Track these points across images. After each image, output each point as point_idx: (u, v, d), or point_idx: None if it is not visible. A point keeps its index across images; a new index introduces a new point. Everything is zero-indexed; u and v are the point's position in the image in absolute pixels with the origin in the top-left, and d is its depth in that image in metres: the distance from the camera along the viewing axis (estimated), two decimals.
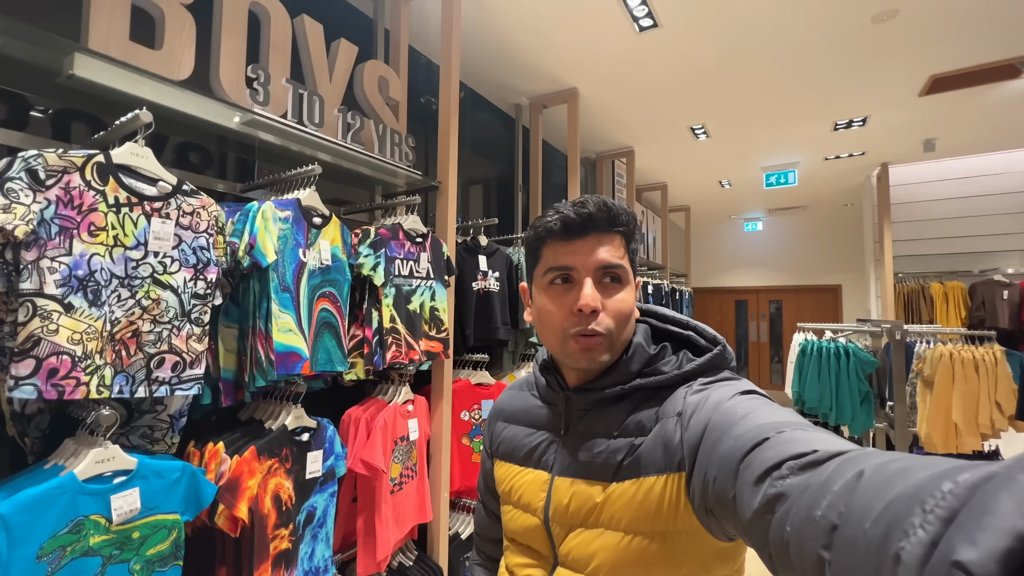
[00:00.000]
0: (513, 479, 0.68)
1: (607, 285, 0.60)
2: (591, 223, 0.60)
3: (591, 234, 0.60)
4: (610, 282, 0.60)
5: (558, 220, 0.61)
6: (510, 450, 0.70)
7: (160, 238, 0.95)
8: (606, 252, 0.60)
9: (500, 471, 0.71)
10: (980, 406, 2.41)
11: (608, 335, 0.59)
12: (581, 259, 0.60)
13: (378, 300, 1.44)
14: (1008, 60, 2.48)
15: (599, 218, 0.60)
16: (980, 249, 3.96)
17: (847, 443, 0.37)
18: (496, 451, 0.73)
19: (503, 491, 0.69)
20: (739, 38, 2.32)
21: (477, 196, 2.83)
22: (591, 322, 0.59)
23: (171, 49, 1.15)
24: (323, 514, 1.26)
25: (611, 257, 0.60)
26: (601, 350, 0.60)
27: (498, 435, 0.73)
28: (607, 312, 0.59)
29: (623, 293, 0.61)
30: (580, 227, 0.60)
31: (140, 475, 0.90)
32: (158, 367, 0.94)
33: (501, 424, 0.74)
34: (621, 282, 0.61)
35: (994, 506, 0.19)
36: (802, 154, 4.02)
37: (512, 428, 0.72)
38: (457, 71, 1.80)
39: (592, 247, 0.60)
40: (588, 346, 0.59)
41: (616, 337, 0.60)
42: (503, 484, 0.70)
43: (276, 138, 1.36)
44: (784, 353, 6.53)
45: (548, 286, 0.62)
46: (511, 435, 0.71)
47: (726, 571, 0.55)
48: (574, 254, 0.60)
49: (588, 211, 0.60)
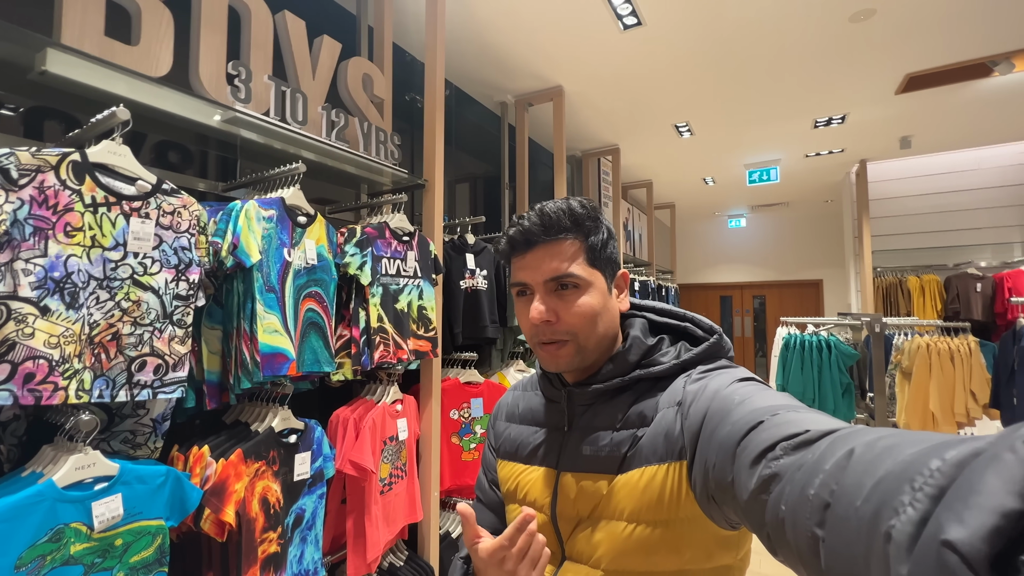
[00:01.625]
0: (519, 477, 0.68)
1: (562, 293, 0.61)
2: (531, 237, 0.61)
3: (536, 247, 0.61)
4: (564, 289, 0.61)
5: (506, 239, 0.64)
6: (514, 448, 0.70)
7: (140, 238, 0.93)
8: (553, 263, 0.60)
9: (505, 470, 0.71)
10: (956, 395, 2.48)
11: (573, 339, 0.61)
12: (530, 274, 0.62)
13: (365, 300, 1.43)
14: (980, 59, 2.55)
15: (535, 231, 0.61)
16: (954, 243, 4.08)
17: (839, 422, 0.38)
18: (499, 450, 0.74)
19: (508, 490, 0.70)
20: (721, 37, 2.35)
21: (464, 194, 2.82)
22: (547, 331, 0.61)
23: (148, 45, 1.12)
24: (312, 516, 1.24)
25: (559, 268, 0.60)
26: (567, 355, 0.61)
27: (501, 434, 0.74)
28: (564, 320, 0.60)
29: (584, 297, 0.61)
30: (523, 243, 0.62)
31: (122, 481, 0.88)
32: (140, 370, 0.92)
33: (503, 423, 0.75)
34: (579, 287, 0.61)
35: (980, 484, 0.19)
36: (783, 151, 4.08)
37: (516, 427, 0.72)
38: (442, 68, 1.79)
39: (538, 260, 0.61)
40: (551, 352, 0.62)
41: (585, 338, 0.61)
42: (508, 483, 0.70)
43: (259, 136, 1.34)
44: (768, 347, 6.64)
45: (516, 297, 0.66)
46: (515, 434, 0.71)
47: (728, 559, 0.56)
48: (524, 269, 0.63)
49: (526, 225, 0.61)
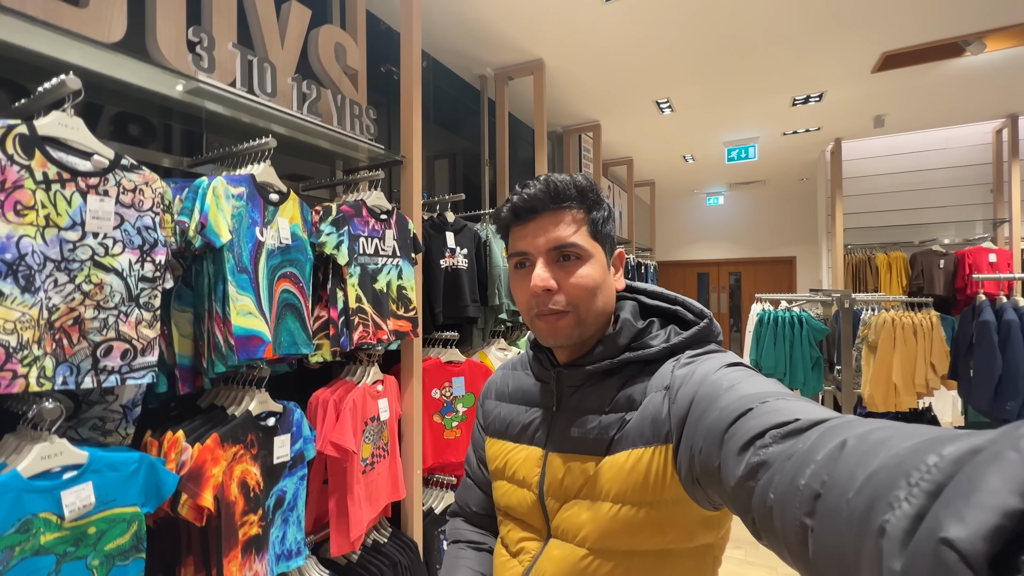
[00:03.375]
0: (507, 455, 0.68)
1: (564, 264, 0.61)
2: (537, 204, 0.61)
3: (540, 215, 0.61)
4: (565, 260, 0.61)
5: (508, 205, 0.63)
6: (503, 427, 0.71)
7: (99, 217, 0.88)
8: (557, 231, 0.60)
9: (493, 448, 0.72)
10: (917, 367, 2.60)
11: (574, 310, 0.60)
12: (531, 242, 0.61)
13: (343, 280, 1.40)
14: (953, 38, 2.59)
15: (542, 198, 0.60)
16: (921, 221, 4.21)
17: (828, 411, 0.38)
18: (488, 428, 0.74)
19: (497, 467, 0.70)
20: (702, 12, 2.31)
21: (443, 171, 2.76)
22: (548, 301, 0.60)
23: (98, 8, 1.04)
24: (293, 497, 1.24)
25: (562, 235, 0.60)
26: (567, 327, 0.60)
27: (490, 413, 0.74)
28: (565, 290, 0.60)
29: (585, 268, 0.60)
30: (528, 211, 0.61)
31: (92, 469, 0.85)
32: (105, 355, 0.89)
33: (492, 402, 0.75)
34: (580, 258, 0.61)
35: (982, 483, 0.19)
36: (762, 129, 4.11)
37: (505, 406, 0.72)
38: (419, 38, 1.72)
39: (542, 228, 0.61)
40: (551, 324, 0.61)
41: (585, 311, 0.60)
42: (497, 460, 0.70)
43: (225, 108, 1.27)
44: (743, 323, 6.83)
45: (514, 270, 0.65)
46: (504, 413, 0.72)
47: (709, 539, 0.57)
48: (525, 238, 0.62)
49: (531, 192, 0.61)
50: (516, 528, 0.66)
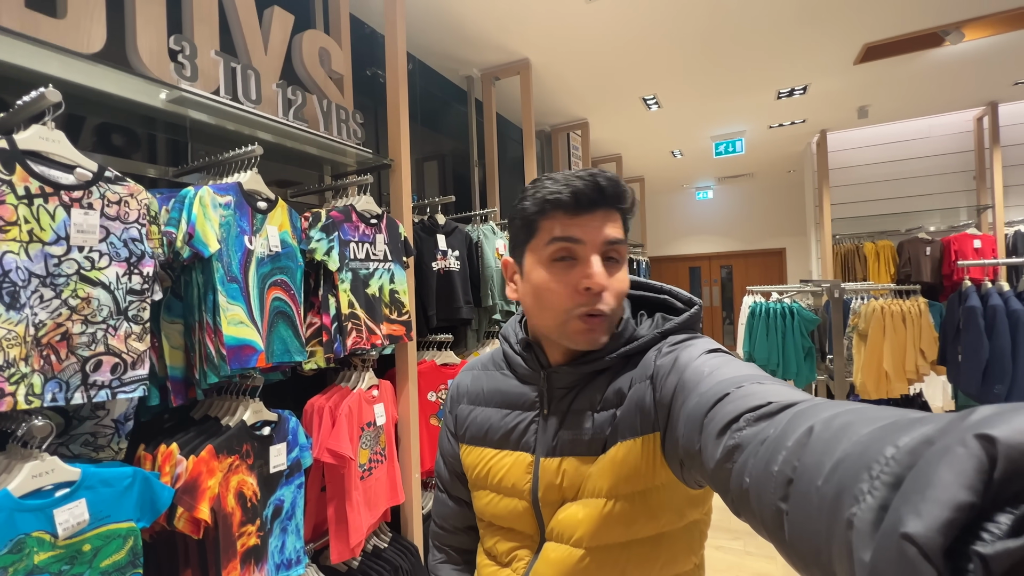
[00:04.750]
0: (489, 463, 0.65)
1: (609, 264, 0.58)
2: (602, 197, 0.56)
3: (600, 209, 0.57)
4: (609, 261, 0.58)
5: (567, 191, 0.56)
6: (481, 433, 0.67)
7: (84, 231, 0.87)
8: (611, 229, 0.57)
9: (471, 456, 0.67)
10: (907, 354, 2.64)
11: (611, 315, 0.58)
12: (592, 233, 0.56)
13: (334, 286, 1.39)
14: (933, 28, 2.62)
15: (610, 193, 0.57)
16: (907, 209, 4.26)
17: (799, 394, 0.40)
18: (464, 435, 0.69)
19: (477, 476, 0.66)
20: (684, 9, 2.33)
21: (432, 173, 2.75)
22: (598, 302, 0.56)
23: (77, 18, 1.02)
24: (291, 506, 1.23)
25: (617, 233, 0.58)
26: (603, 331, 0.58)
27: (464, 418, 0.69)
28: (610, 291, 0.57)
29: (623, 272, 0.59)
30: (590, 201, 0.56)
31: (85, 485, 0.84)
32: (95, 370, 0.88)
33: (466, 407, 0.70)
34: (619, 262, 0.59)
35: (935, 477, 0.20)
36: (748, 123, 4.14)
37: (481, 410, 0.68)
38: (403, 41, 1.71)
39: (601, 222, 0.57)
40: (593, 326, 0.57)
41: (614, 318, 0.59)
42: (476, 469, 0.66)
43: (209, 117, 1.26)
44: (735, 315, 6.88)
45: (551, 262, 0.58)
46: (481, 418, 0.67)
47: (696, 515, 0.59)
48: (582, 227, 0.56)
49: (600, 183, 0.56)
50: (503, 538, 0.64)
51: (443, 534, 0.76)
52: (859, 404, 0.32)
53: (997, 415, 0.20)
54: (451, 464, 0.72)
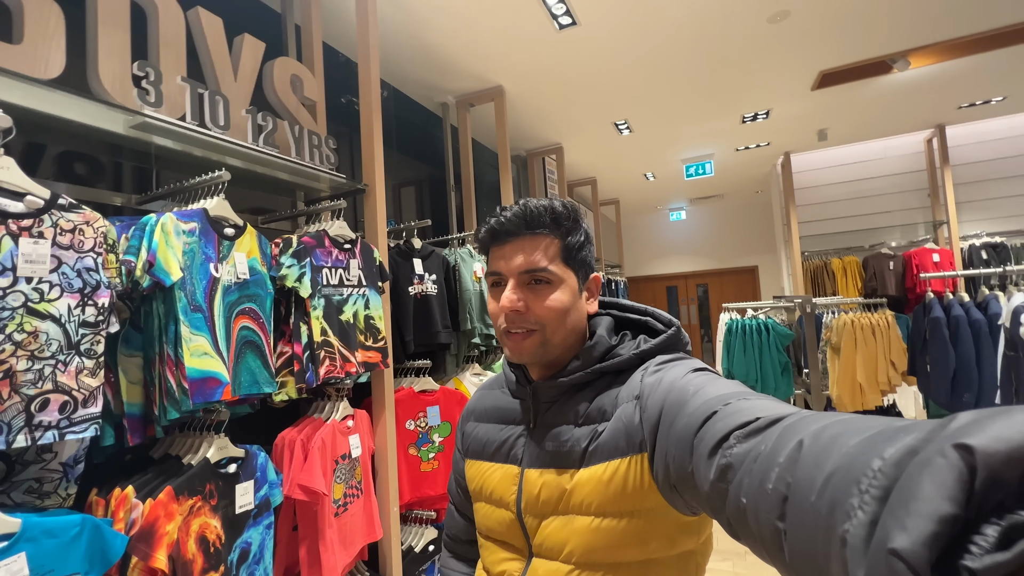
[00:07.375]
0: (484, 475, 0.68)
1: (535, 287, 0.63)
2: (512, 228, 0.63)
3: (515, 238, 0.63)
4: (536, 284, 0.63)
5: (488, 227, 0.65)
6: (480, 447, 0.71)
7: (32, 261, 0.82)
8: (529, 256, 0.63)
9: (471, 470, 0.71)
10: (879, 366, 2.70)
11: (541, 330, 0.62)
12: (505, 264, 0.64)
13: (306, 313, 1.35)
14: (881, 57, 2.79)
15: (517, 223, 0.63)
16: (869, 226, 4.44)
17: (786, 407, 0.40)
18: (467, 450, 0.74)
19: (475, 489, 0.70)
20: (652, 37, 2.43)
21: (410, 198, 2.75)
22: (515, 320, 0.62)
23: (34, 43, 0.99)
24: (259, 549, 1.16)
25: (535, 260, 0.62)
26: (532, 345, 0.63)
27: (469, 434, 0.74)
28: (534, 311, 0.62)
29: (556, 293, 0.63)
30: (503, 234, 0.64)
31: (26, 537, 0.77)
32: (41, 410, 0.82)
33: (472, 424, 0.75)
34: (551, 283, 0.63)
35: (918, 490, 0.20)
36: (716, 146, 4.29)
37: (483, 426, 0.72)
38: (376, 69, 1.73)
39: (515, 251, 0.63)
40: (517, 341, 0.63)
41: (552, 332, 0.63)
42: (474, 482, 0.70)
43: (175, 143, 1.23)
44: (713, 333, 6.98)
45: (490, 288, 0.67)
46: (482, 433, 0.72)
47: (691, 545, 0.57)
48: (501, 259, 0.65)
49: (508, 216, 0.63)
50: (497, 549, 0.66)
51: (452, 544, 0.82)
52: (846, 414, 0.32)
53: (975, 422, 0.20)
54: (459, 480, 0.77)
